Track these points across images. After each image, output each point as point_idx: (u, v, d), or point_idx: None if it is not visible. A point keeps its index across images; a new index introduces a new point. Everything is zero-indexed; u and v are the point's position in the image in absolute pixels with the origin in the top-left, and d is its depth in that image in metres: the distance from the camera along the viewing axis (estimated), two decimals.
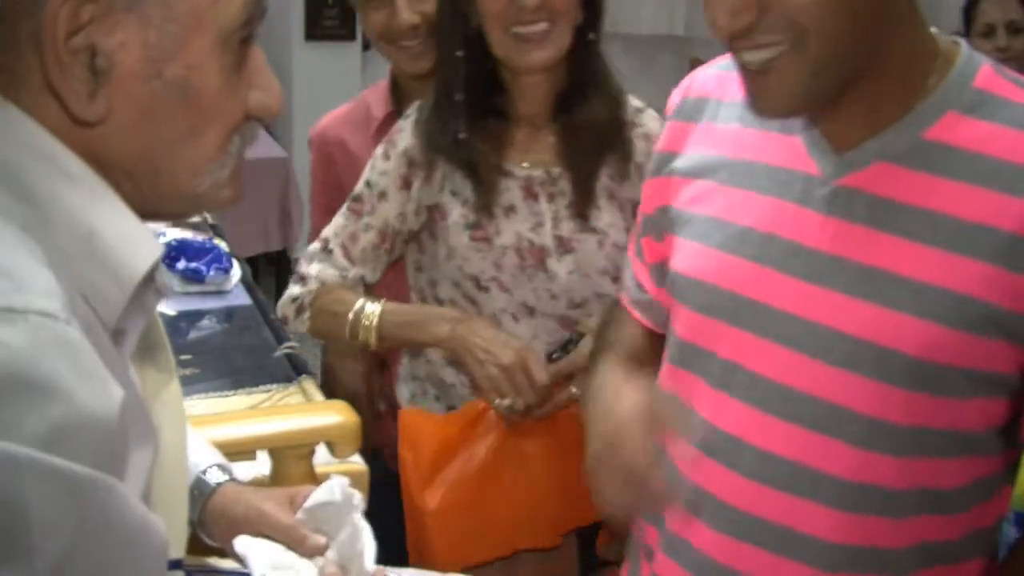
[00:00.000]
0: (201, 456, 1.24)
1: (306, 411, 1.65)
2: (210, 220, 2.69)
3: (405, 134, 1.72)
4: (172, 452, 0.94)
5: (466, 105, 1.68)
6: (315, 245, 1.78)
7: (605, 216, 1.69)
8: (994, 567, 1.18)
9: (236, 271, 2.39)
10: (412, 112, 1.75)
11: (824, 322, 1.10)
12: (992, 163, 1.06)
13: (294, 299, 1.75)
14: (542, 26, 1.60)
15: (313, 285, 1.74)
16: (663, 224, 1.27)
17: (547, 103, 1.70)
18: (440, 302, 1.74)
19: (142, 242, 0.81)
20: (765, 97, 1.08)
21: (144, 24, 0.77)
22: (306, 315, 1.75)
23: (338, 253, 1.75)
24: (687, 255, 1.23)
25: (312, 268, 1.75)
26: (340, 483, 1.17)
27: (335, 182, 2.07)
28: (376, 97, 2.09)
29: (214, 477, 1.23)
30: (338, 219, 1.76)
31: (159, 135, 0.80)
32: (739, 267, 1.16)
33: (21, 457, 0.65)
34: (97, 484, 0.69)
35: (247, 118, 0.84)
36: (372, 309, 1.67)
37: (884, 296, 1.07)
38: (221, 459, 1.27)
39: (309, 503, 1.16)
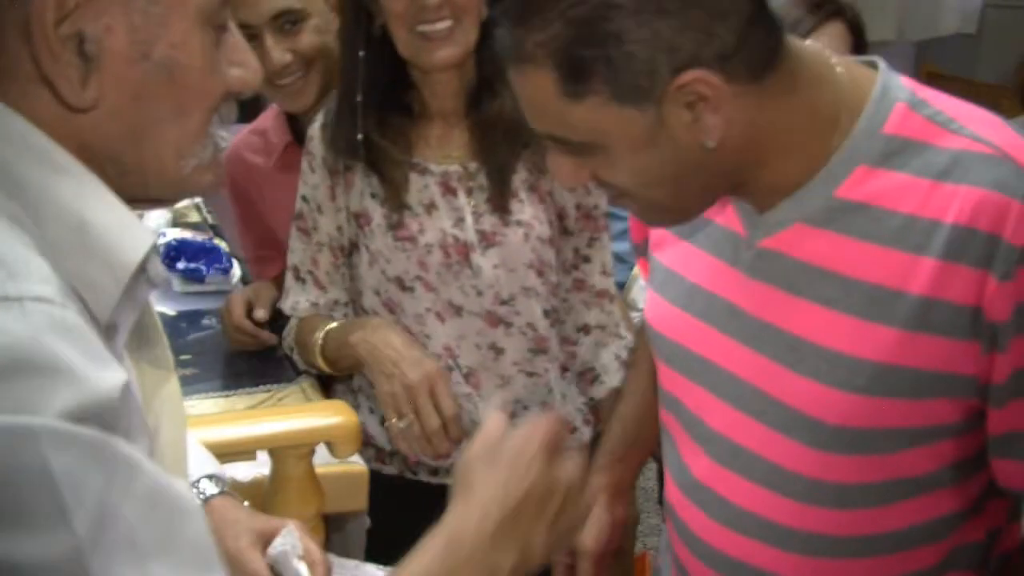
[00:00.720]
0: (193, 464, 1.23)
1: (306, 411, 1.65)
2: (210, 220, 2.68)
3: (316, 142, 1.72)
4: (172, 450, 0.93)
5: (370, 105, 1.66)
6: (289, 277, 1.78)
7: (528, 209, 1.68)
8: None
9: (236, 271, 2.38)
10: (319, 117, 1.74)
11: (759, 385, 1.12)
12: (901, 220, 1.02)
13: (284, 339, 1.78)
14: (446, 23, 1.58)
15: (293, 321, 1.78)
16: (646, 253, 1.30)
17: (459, 99, 1.68)
18: (365, 312, 1.73)
19: (134, 231, 0.81)
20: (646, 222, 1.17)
21: (128, 8, 0.78)
22: (295, 354, 1.78)
23: (310, 281, 1.76)
24: (652, 306, 1.26)
25: (288, 303, 1.78)
26: (291, 532, 1.22)
27: (244, 196, 2.13)
28: (274, 124, 2.10)
29: (204, 489, 1.23)
30: (293, 243, 1.77)
31: (147, 117, 0.81)
32: (691, 325, 1.19)
33: (37, 427, 0.66)
34: (115, 446, 0.70)
35: (226, 96, 0.86)
36: (320, 333, 1.68)
37: (805, 365, 1.08)
38: (213, 467, 1.27)
39: (270, 550, 1.22)
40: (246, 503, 1.30)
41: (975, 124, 1.03)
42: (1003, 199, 0.98)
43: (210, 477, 1.24)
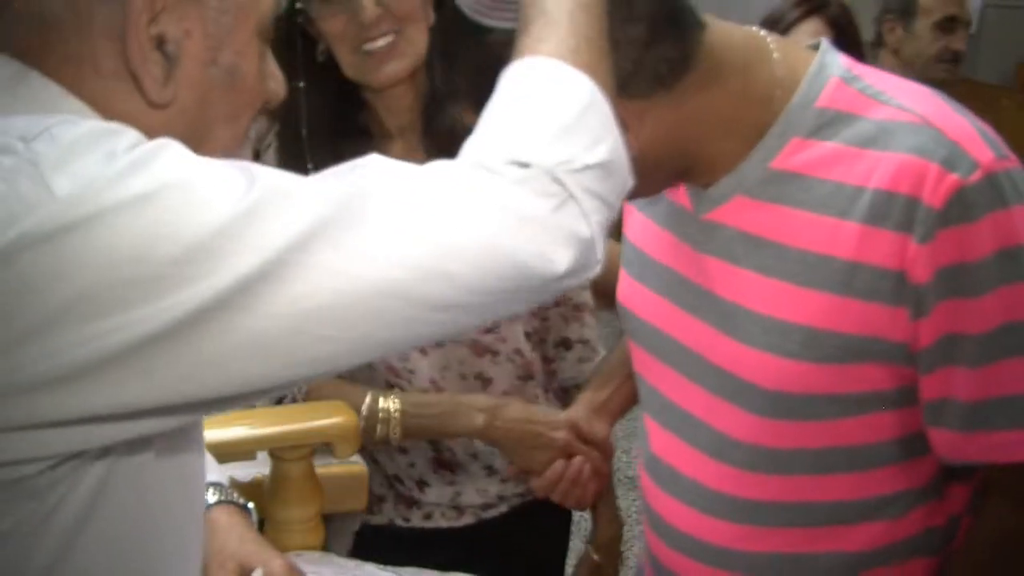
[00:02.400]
0: None
1: (306, 411, 1.65)
2: None
3: None
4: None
5: (321, 134, 1.57)
6: None
7: None
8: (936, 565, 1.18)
9: None
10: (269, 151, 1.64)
11: (701, 353, 1.16)
12: (831, 188, 1.05)
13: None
14: (389, 38, 1.51)
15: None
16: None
17: (415, 113, 1.60)
18: None
19: None
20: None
21: (204, 15, 0.84)
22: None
23: None
24: (621, 283, 1.30)
25: None
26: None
27: None
28: None
29: (206, 499, 1.22)
30: None
31: (208, 118, 0.86)
32: (649, 299, 1.24)
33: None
34: None
35: (264, 104, 0.92)
36: (388, 406, 1.57)
37: (741, 332, 1.11)
38: (215, 474, 1.26)
39: None
40: (250, 504, 1.30)
41: (904, 96, 1.07)
42: (922, 163, 1.01)
43: (211, 484, 1.24)
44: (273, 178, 0.76)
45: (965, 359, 1.04)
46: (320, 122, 1.58)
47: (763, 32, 1.14)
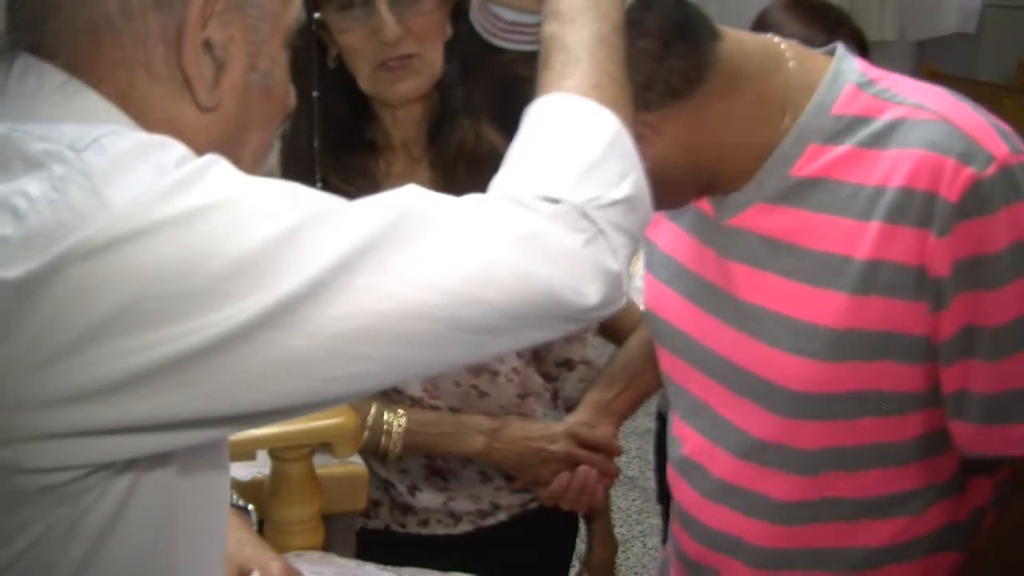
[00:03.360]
0: None
1: None
2: None
3: None
4: None
5: (328, 146, 1.56)
6: None
7: None
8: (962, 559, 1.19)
9: None
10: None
11: (729, 357, 1.17)
12: (850, 189, 1.07)
13: None
14: (409, 55, 1.49)
15: None
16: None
17: (421, 128, 1.58)
18: None
19: None
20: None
21: (246, 22, 0.86)
22: None
23: None
24: (648, 287, 1.32)
25: None
26: None
27: None
28: None
29: None
30: None
31: (245, 123, 0.88)
32: (677, 303, 1.25)
33: None
34: None
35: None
36: (392, 420, 1.57)
37: (766, 334, 1.12)
38: None
39: None
40: (250, 507, 1.30)
41: (918, 94, 1.08)
42: (938, 158, 1.02)
43: None
44: (319, 199, 0.79)
45: (983, 352, 1.05)
46: (328, 131, 1.57)
47: (777, 39, 1.15)
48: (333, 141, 1.57)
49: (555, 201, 0.82)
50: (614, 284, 0.84)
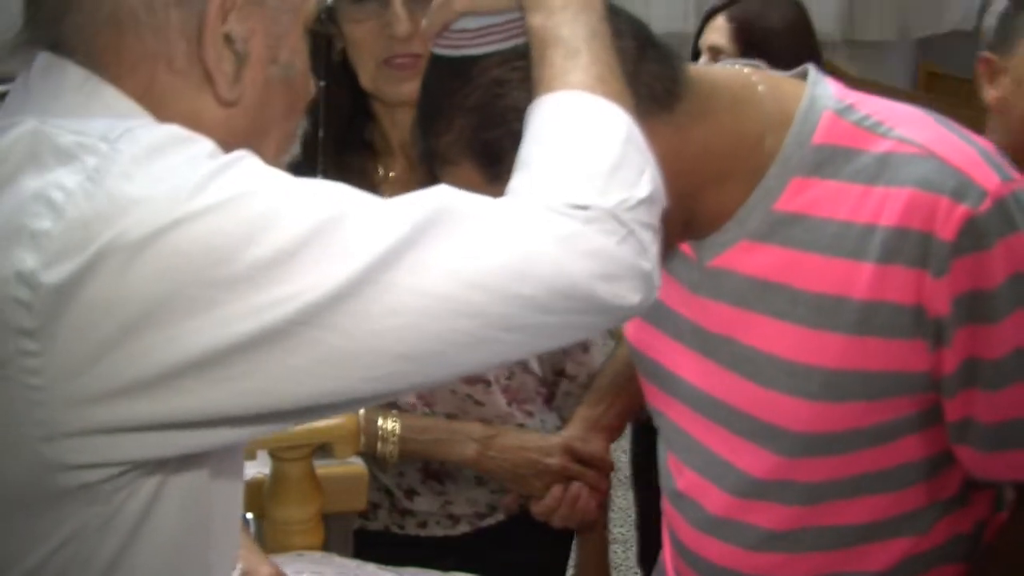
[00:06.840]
0: None
1: None
2: None
3: None
4: None
5: (330, 142, 1.53)
6: None
7: None
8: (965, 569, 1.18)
9: None
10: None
11: (723, 398, 1.14)
12: (837, 227, 1.04)
13: None
14: (416, 54, 1.45)
15: None
16: None
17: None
18: None
19: None
20: None
21: (265, 15, 0.86)
22: None
23: None
24: (631, 325, 1.28)
25: None
26: None
27: None
28: None
29: None
30: None
31: (267, 115, 0.88)
32: (661, 341, 1.21)
33: None
34: None
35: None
36: (387, 425, 1.56)
37: (761, 376, 1.10)
38: None
39: None
40: (249, 515, 1.29)
41: (902, 125, 1.05)
42: (931, 197, 1.00)
43: None
44: (355, 194, 0.79)
45: (984, 382, 1.05)
46: (328, 126, 1.55)
47: (743, 67, 1.13)
48: (332, 137, 1.55)
49: (585, 208, 0.82)
50: (648, 282, 0.84)
